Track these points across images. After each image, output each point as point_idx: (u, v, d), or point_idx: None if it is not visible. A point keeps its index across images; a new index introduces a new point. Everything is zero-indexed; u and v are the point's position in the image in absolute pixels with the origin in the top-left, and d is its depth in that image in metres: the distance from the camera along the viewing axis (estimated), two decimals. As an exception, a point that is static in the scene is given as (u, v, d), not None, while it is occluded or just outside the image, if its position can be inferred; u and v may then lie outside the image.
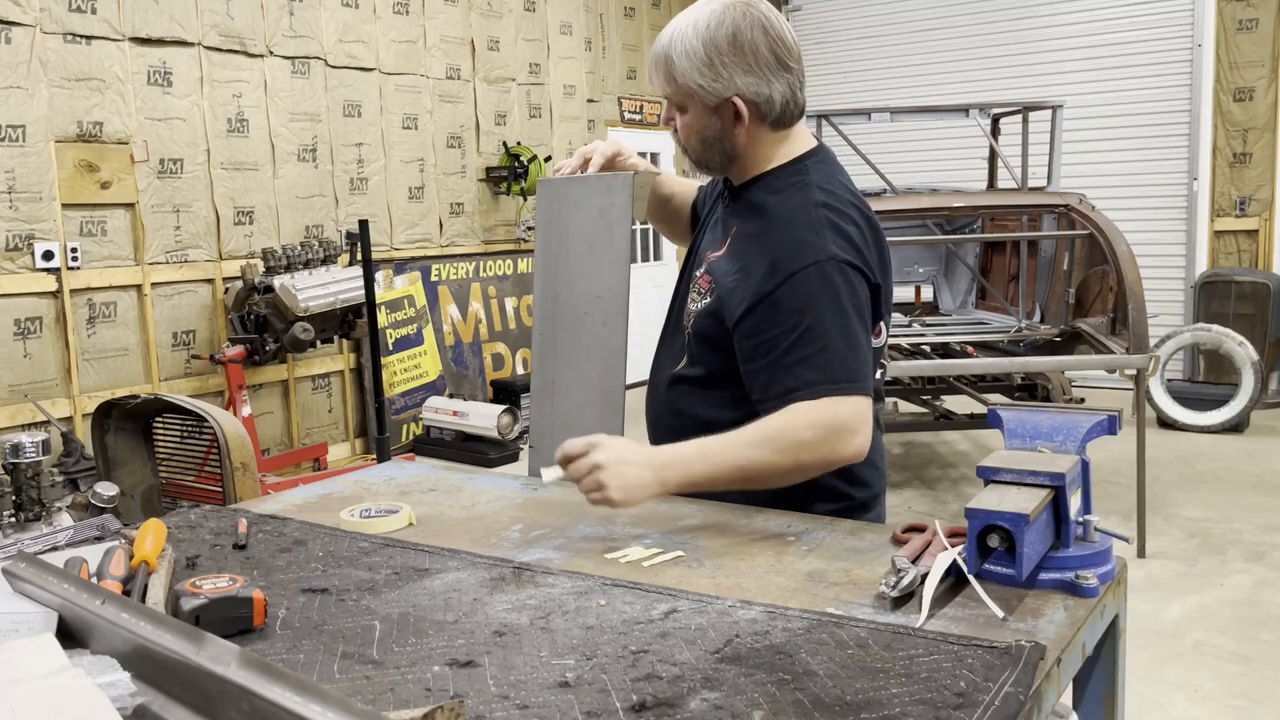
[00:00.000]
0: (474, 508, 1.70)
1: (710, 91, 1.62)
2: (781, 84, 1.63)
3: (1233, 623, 3.87)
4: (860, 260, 1.59)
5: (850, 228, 1.61)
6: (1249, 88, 7.84)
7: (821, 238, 1.58)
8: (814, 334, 1.54)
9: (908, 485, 5.80)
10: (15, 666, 0.93)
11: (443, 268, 7.26)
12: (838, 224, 1.60)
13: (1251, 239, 7.94)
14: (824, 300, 1.55)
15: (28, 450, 4.02)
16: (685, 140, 1.70)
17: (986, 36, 8.82)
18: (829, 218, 1.60)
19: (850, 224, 1.61)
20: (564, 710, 0.98)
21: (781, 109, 1.65)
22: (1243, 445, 6.52)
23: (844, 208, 1.63)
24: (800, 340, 1.55)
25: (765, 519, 1.57)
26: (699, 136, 1.68)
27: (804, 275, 1.56)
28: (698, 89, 1.62)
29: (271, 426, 6.13)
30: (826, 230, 1.58)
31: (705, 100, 1.64)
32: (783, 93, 1.64)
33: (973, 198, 5.60)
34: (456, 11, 7.27)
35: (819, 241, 1.57)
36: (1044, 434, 1.40)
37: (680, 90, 1.65)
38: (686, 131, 1.69)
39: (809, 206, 1.61)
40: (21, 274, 4.92)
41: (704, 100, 1.64)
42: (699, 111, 1.65)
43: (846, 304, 1.56)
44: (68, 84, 5.06)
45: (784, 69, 1.63)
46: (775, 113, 1.65)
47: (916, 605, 1.20)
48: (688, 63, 1.61)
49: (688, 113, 1.67)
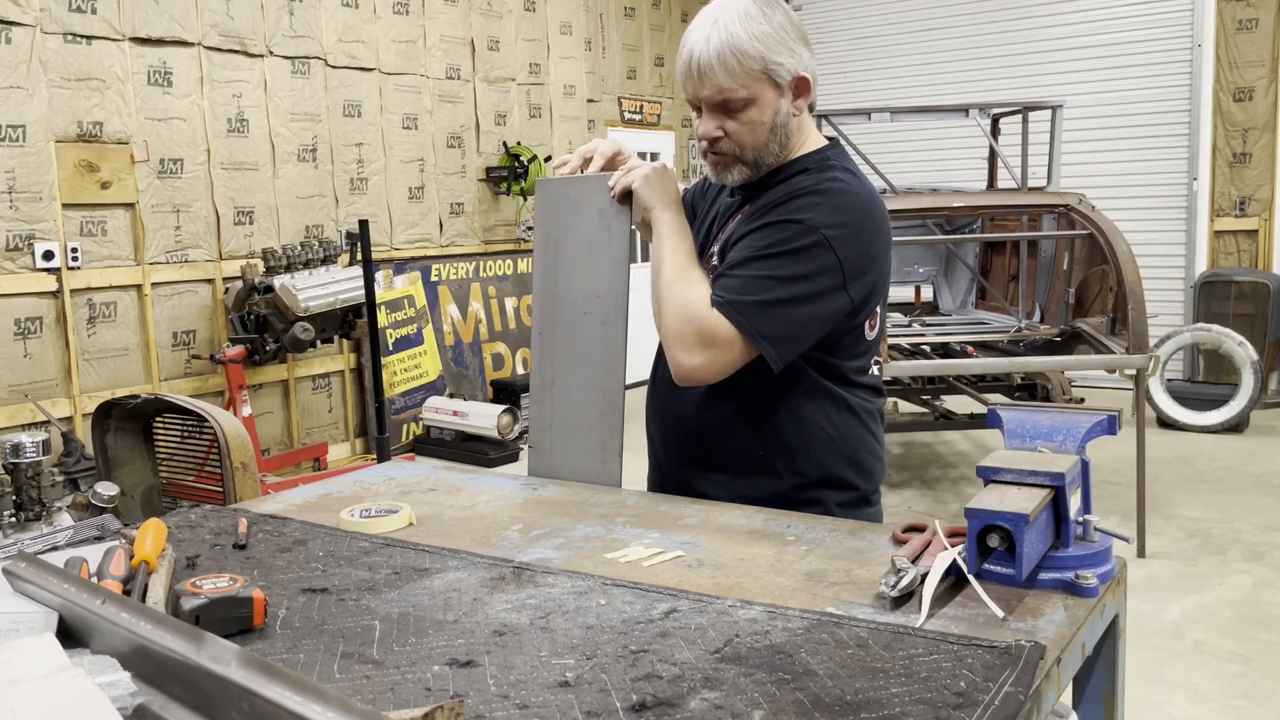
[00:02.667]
0: (474, 508, 1.70)
1: (788, 68, 1.63)
2: (812, 61, 1.68)
3: (1233, 623, 3.87)
4: (843, 240, 1.61)
5: (851, 207, 1.64)
6: (1249, 88, 7.84)
7: (817, 206, 1.62)
8: (752, 268, 1.62)
9: (908, 485, 5.80)
10: (15, 666, 0.93)
11: (443, 268, 7.26)
12: (840, 200, 1.63)
13: (1251, 239, 7.94)
14: (774, 252, 1.61)
15: (28, 450, 4.02)
16: (751, 137, 1.66)
17: (986, 36, 8.82)
18: (837, 191, 1.64)
19: (854, 207, 1.64)
20: (564, 710, 0.98)
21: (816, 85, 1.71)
22: (1243, 445, 6.52)
23: (854, 189, 1.66)
24: (743, 264, 1.63)
25: (765, 519, 1.57)
26: (768, 126, 1.66)
27: (784, 225, 1.62)
28: (776, 67, 1.62)
29: (271, 426, 6.13)
30: (826, 202, 1.62)
31: (781, 79, 1.63)
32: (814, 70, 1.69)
33: (973, 198, 5.60)
34: (456, 11, 7.27)
35: (813, 208, 1.62)
36: (1044, 434, 1.40)
37: (753, 79, 1.62)
38: (752, 127, 1.65)
39: (822, 181, 1.66)
40: (21, 274, 4.92)
41: (779, 80, 1.63)
42: (769, 97, 1.64)
43: (802, 268, 1.60)
44: (68, 84, 5.06)
45: (809, 47, 1.69)
46: (817, 89, 1.70)
47: (916, 605, 1.20)
48: (763, 45, 1.60)
49: (753, 106, 1.64)
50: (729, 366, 1.63)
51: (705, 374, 1.64)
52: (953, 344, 5.63)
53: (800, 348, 1.64)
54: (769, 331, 1.60)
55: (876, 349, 1.77)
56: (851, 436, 1.73)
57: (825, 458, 1.71)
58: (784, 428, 1.70)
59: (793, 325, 1.61)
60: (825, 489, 1.71)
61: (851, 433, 1.73)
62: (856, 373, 1.73)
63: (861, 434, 1.75)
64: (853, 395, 1.73)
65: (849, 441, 1.73)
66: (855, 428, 1.73)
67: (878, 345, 1.77)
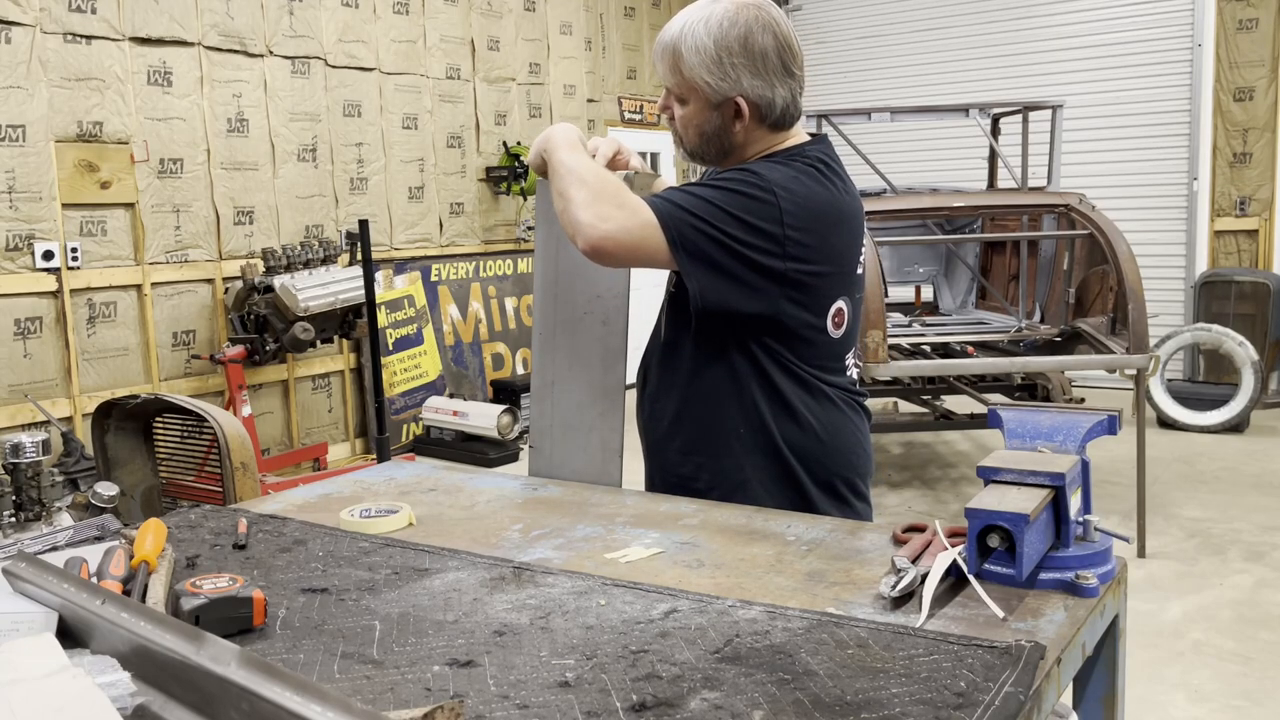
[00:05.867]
0: (474, 508, 1.70)
1: (715, 90, 1.64)
2: (784, 89, 1.67)
3: (1233, 623, 3.87)
4: (789, 210, 1.59)
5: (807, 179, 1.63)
6: (1249, 88, 7.84)
7: (778, 170, 1.63)
8: (702, 189, 1.62)
9: (908, 485, 5.80)
10: (15, 666, 0.93)
11: (443, 268, 7.26)
12: (802, 181, 1.63)
13: (1251, 239, 7.94)
14: (723, 186, 1.61)
15: (28, 450, 4.02)
16: (683, 131, 1.73)
17: (986, 36, 8.81)
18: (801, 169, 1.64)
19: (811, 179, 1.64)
20: (564, 710, 0.98)
21: (781, 112, 1.69)
22: (1243, 445, 6.52)
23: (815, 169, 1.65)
24: (695, 185, 1.65)
25: (765, 519, 1.57)
26: (697, 130, 1.70)
27: (744, 171, 1.63)
28: (703, 85, 1.64)
29: (271, 426, 6.13)
30: (788, 172, 1.63)
31: (709, 97, 1.65)
32: (784, 97, 1.67)
33: (973, 198, 5.60)
34: (456, 11, 7.27)
35: (774, 170, 1.63)
36: (1044, 434, 1.40)
37: (684, 83, 1.67)
38: (685, 123, 1.71)
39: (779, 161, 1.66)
40: (21, 274, 4.92)
41: (708, 96, 1.65)
42: (700, 106, 1.67)
43: (735, 209, 1.58)
44: (68, 84, 5.06)
45: (789, 75, 1.67)
46: (775, 115, 1.68)
47: (916, 605, 1.20)
48: (696, 58, 1.63)
49: (688, 105, 1.69)
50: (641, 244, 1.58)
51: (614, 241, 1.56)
52: (953, 344, 5.63)
53: (723, 297, 1.61)
54: (697, 253, 1.58)
55: (849, 349, 1.76)
56: (831, 423, 1.73)
57: (804, 442, 1.71)
58: (764, 411, 1.70)
59: (719, 264, 1.59)
60: (805, 473, 1.71)
61: (831, 420, 1.73)
62: (828, 371, 1.73)
63: (841, 421, 1.74)
64: (832, 389, 1.74)
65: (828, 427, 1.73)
66: (834, 414, 1.74)
67: (850, 345, 1.76)
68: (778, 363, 1.68)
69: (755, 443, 1.71)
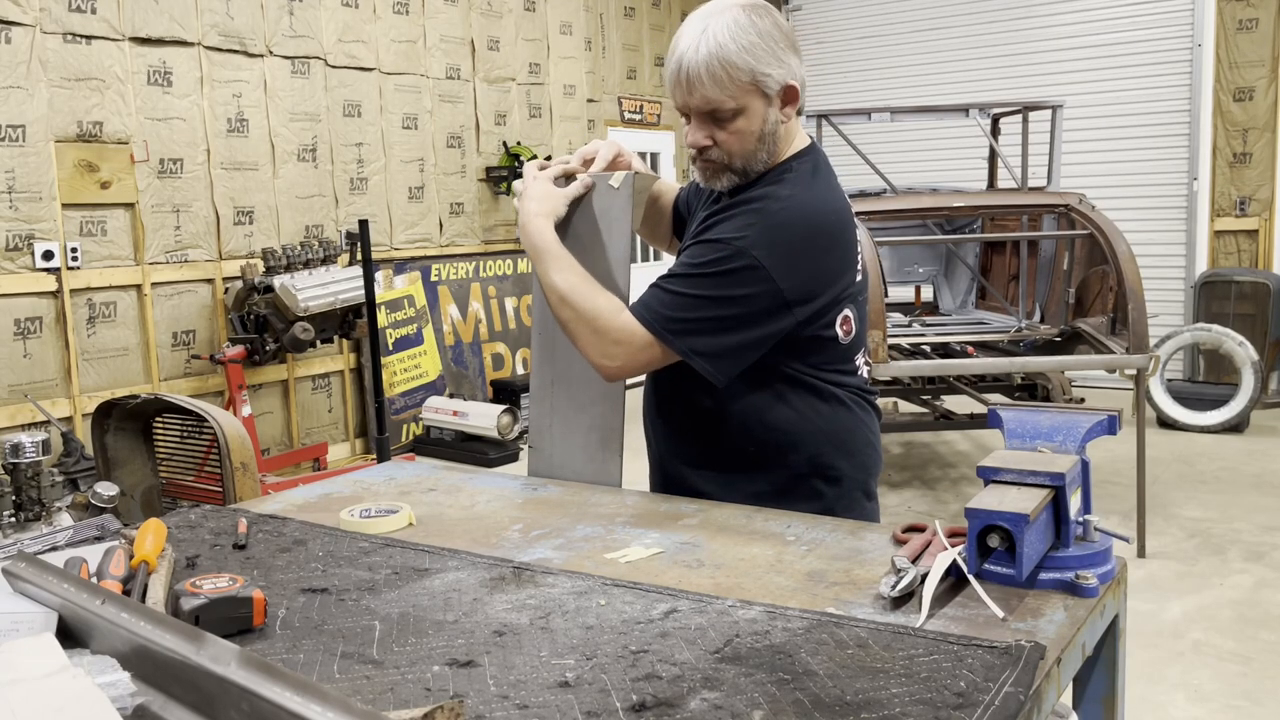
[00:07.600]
0: (474, 508, 1.70)
1: (776, 78, 1.63)
2: (800, 68, 1.68)
3: (1233, 623, 3.87)
4: (782, 264, 1.60)
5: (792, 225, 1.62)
6: (1249, 88, 7.84)
7: (751, 227, 1.61)
8: (684, 284, 1.63)
9: (908, 485, 5.80)
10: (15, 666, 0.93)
11: (443, 268, 7.26)
12: (779, 220, 1.62)
13: (1251, 239, 7.94)
14: (702, 272, 1.62)
15: (28, 450, 4.02)
16: (740, 146, 1.66)
17: (986, 36, 8.81)
18: (774, 211, 1.63)
19: (794, 224, 1.63)
20: (564, 710, 0.98)
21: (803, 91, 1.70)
22: (1243, 445, 6.52)
23: (799, 206, 1.64)
24: (676, 279, 1.65)
25: (765, 519, 1.57)
26: (756, 136, 1.65)
27: (718, 244, 1.63)
28: (765, 78, 1.62)
29: (271, 426, 6.13)
30: (760, 223, 1.61)
31: (769, 90, 1.63)
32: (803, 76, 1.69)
33: (973, 198, 5.60)
34: (456, 11, 7.27)
35: (748, 229, 1.62)
36: (1044, 434, 1.40)
37: (741, 90, 1.61)
38: (741, 136, 1.65)
39: (766, 197, 1.65)
40: (21, 274, 4.92)
41: (767, 90, 1.63)
42: (758, 106, 1.64)
43: (736, 290, 1.60)
44: (68, 84, 5.06)
45: (798, 53, 1.68)
46: (804, 95, 1.70)
47: (916, 605, 1.20)
48: (751, 57, 1.60)
49: (742, 115, 1.63)
50: (650, 364, 1.67)
51: (614, 369, 1.68)
52: (953, 344, 5.63)
53: (742, 363, 1.64)
54: (704, 349, 1.61)
55: (859, 350, 1.77)
56: (843, 428, 1.73)
57: (817, 449, 1.71)
58: (774, 422, 1.70)
59: (728, 345, 1.61)
60: (819, 480, 1.71)
61: (842, 424, 1.73)
62: (840, 374, 1.73)
63: (854, 423, 1.75)
64: (843, 390, 1.74)
65: (840, 433, 1.73)
66: (846, 417, 1.74)
67: (859, 346, 1.77)
68: (788, 373, 1.69)
69: (764, 455, 1.71)
